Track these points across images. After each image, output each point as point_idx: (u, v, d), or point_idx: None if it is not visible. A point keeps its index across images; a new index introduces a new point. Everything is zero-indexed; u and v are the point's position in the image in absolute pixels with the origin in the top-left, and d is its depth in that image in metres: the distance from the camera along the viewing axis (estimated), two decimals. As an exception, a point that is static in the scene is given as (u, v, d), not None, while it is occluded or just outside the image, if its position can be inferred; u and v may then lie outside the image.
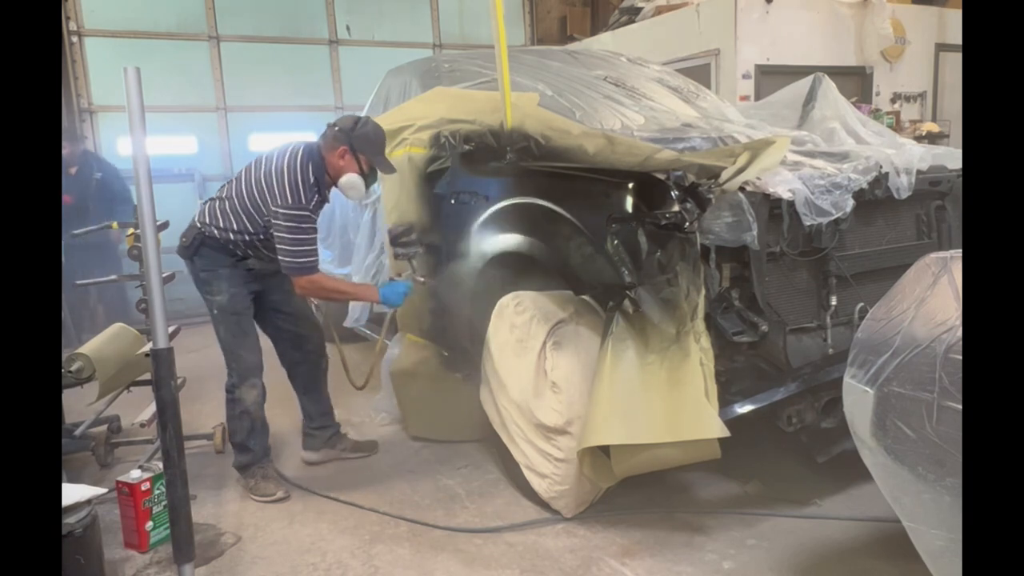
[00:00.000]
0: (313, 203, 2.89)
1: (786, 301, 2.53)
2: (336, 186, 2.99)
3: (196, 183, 6.99)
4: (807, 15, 6.31)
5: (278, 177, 2.87)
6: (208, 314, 3.10)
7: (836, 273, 2.57)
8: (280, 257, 2.88)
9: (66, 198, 5.63)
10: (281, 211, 2.83)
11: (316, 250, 2.92)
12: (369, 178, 2.99)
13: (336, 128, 2.95)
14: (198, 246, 3.01)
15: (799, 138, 3.20)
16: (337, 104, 7.66)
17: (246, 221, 2.96)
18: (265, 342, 3.22)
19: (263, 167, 2.94)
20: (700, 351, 2.34)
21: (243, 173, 3.02)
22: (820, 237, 2.50)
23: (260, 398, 3.12)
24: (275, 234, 2.87)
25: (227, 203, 2.99)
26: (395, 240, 3.15)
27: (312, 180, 2.88)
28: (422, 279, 3.16)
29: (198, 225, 3.02)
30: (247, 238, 2.99)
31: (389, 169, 3.00)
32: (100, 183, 5.85)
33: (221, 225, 2.97)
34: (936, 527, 1.54)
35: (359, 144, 2.91)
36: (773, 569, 2.40)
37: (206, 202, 3.09)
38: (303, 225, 2.85)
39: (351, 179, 2.93)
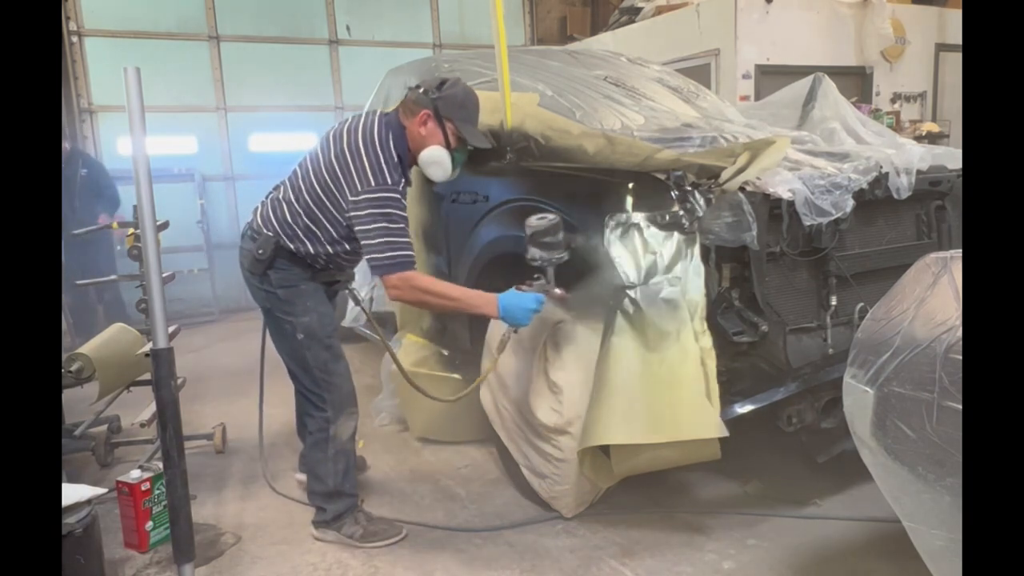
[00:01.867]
0: (401, 184, 2.40)
1: (786, 301, 2.53)
2: (417, 163, 2.50)
3: (196, 183, 7.00)
4: (807, 15, 6.31)
5: (355, 157, 2.36)
6: (284, 339, 2.61)
7: (836, 273, 2.57)
8: (367, 255, 2.37)
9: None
10: (364, 197, 2.33)
11: (410, 242, 2.39)
12: (457, 155, 2.50)
13: (419, 89, 2.47)
14: (273, 258, 2.52)
15: (799, 138, 3.20)
16: (337, 104, 7.68)
17: (324, 232, 2.49)
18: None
19: (332, 150, 2.44)
20: (701, 351, 2.34)
21: (307, 165, 2.53)
22: (820, 237, 2.50)
23: (355, 429, 2.68)
24: (358, 228, 2.36)
25: (299, 210, 2.50)
26: (534, 239, 2.37)
27: (396, 158, 2.40)
28: (559, 292, 2.44)
29: (269, 233, 2.52)
30: (331, 250, 2.53)
31: (482, 141, 2.52)
32: (85, 180, 5.86)
33: (299, 236, 2.52)
34: (936, 527, 1.54)
35: (445, 107, 2.42)
36: (773, 569, 2.40)
37: (265, 203, 2.64)
38: (392, 211, 2.33)
39: (434, 153, 2.42)
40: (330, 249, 2.53)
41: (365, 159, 2.37)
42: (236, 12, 7.32)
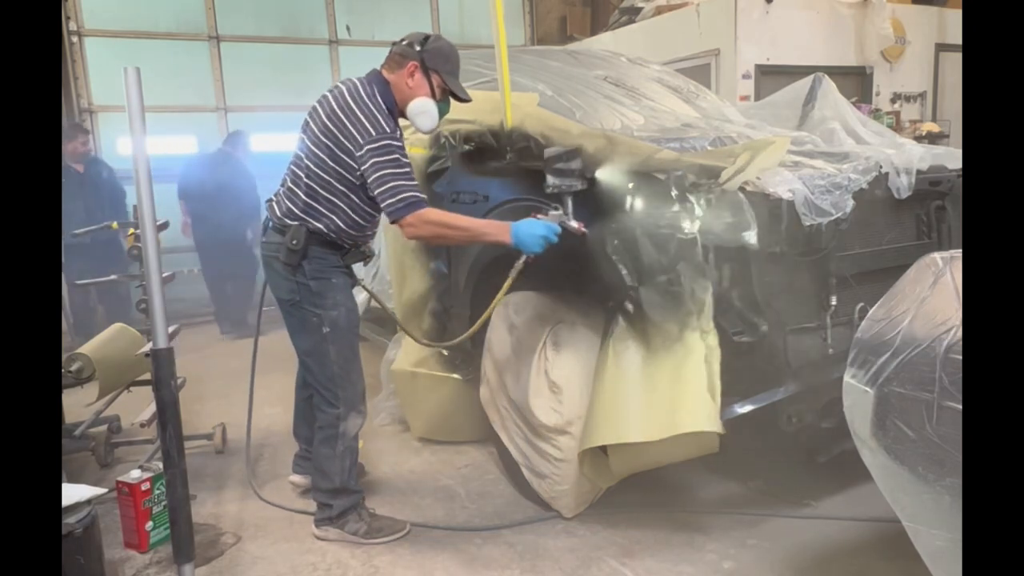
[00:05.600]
0: (397, 132, 2.46)
1: (786, 301, 2.53)
2: (404, 115, 2.55)
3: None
4: (807, 15, 6.31)
5: (349, 114, 2.42)
6: (308, 332, 2.61)
7: (836, 273, 2.57)
8: (380, 202, 2.40)
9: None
10: (368, 147, 2.38)
11: (417, 184, 2.45)
12: (441, 107, 2.56)
13: (404, 43, 2.54)
14: (307, 247, 2.52)
15: (799, 138, 3.20)
16: (337, 104, 7.67)
17: (343, 199, 2.50)
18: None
19: (323, 117, 2.48)
20: (706, 348, 2.33)
21: (305, 144, 2.55)
22: (820, 237, 2.50)
23: (361, 427, 2.73)
24: (369, 179, 2.40)
25: (314, 186, 2.51)
26: (550, 166, 2.40)
27: (386, 108, 2.47)
28: (576, 224, 2.42)
29: (295, 223, 2.53)
30: (354, 217, 2.55)
31: (465, 94, 2.60)
32: (107, 183, 5.92)
33: (324, 212, 2.53)
34: (936, 527, 1.54)
35: (432, 60, 2.49)
36: (773, 569, 2.40)
37: (280, 197, 2.64)
38: (396, 156, 2.39)
39: (423, 104, 2.48)
40: (353, 216, 2.55)
41: (360, 113, 2.42)
42: (236, 12, 7.31)
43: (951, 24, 7.04)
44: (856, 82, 6.62)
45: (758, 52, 6.11)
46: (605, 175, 2.46)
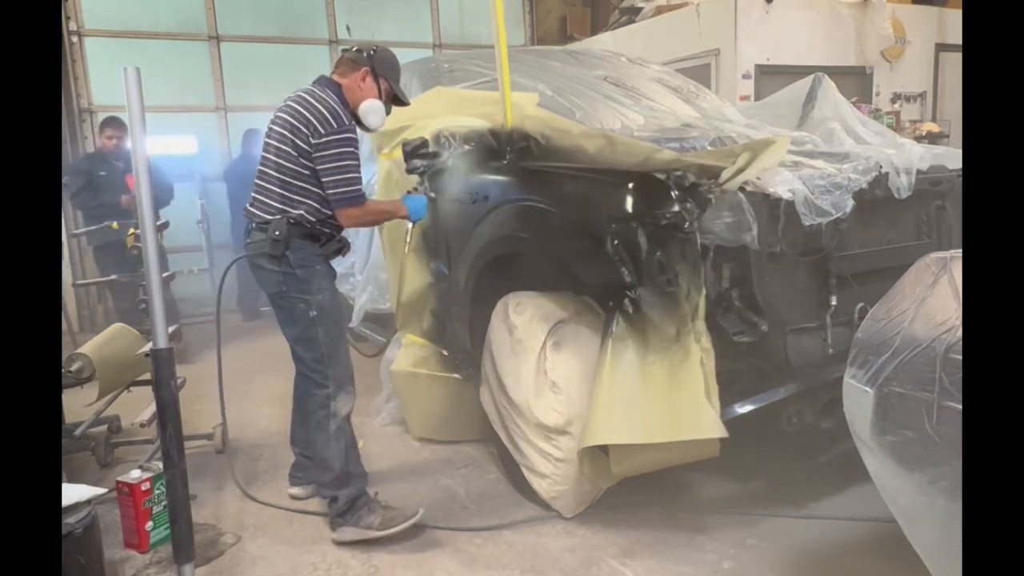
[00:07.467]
0: (355, 128, 2.69)
1: (786, 301, 2.53)
2: (354, 114, 2.75)
3: (196, 183, 6.99)
4: (807, 15, 6.32)
5: (310, 109, 2.61)
6: (296, 319, 2.71)
7: (836, 273, 2.57)
8: (330, 190, 2.61)
9: None
10: (327, 139, 2.58)
11: (361, 177, 2.70)
12: (386, 107, 2.82)
13: (355, 50, 2.78)
14: (289, 238, 2.66)
15: (799, 138, 3.20)
16: (337, 104, 7.67)
17: (316, 186, 2.66)
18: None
19: (286, 117, 2.65)
20: (701, 351, 2.34)
21: (271, 144, 2.71)
22: (820, 237, 2.50)
23: (352, 409, 2.79)
24: (326, 166, 2.59)
25: (286, 179, 2.66)
26: (410, 153, 3.05)
27: (343, 105, 2.68)
28: (433, 195, 3.13)
29: (276, 216, 2.66)
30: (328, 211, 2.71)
31: (406, 99, 2.90)
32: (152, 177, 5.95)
33: (300, 200, 2.67)
34: (935, 527, 1.54)
35: (381, 67, 2.76)
36: (773, 569, 2.40)
37: (256, 200, 2.75)
38: (351, 149, 2.62)
39: (373, 104, 2.73)
40: (325, 201, 2.69)
41: (320, 107, 2.62)
42: (236, 12, 7.32)
43: (951, 24, 7.04)
44: (856, 82, 6.62)
45: (758, 52, 6.11)
46: (446, 158, 3.13)
